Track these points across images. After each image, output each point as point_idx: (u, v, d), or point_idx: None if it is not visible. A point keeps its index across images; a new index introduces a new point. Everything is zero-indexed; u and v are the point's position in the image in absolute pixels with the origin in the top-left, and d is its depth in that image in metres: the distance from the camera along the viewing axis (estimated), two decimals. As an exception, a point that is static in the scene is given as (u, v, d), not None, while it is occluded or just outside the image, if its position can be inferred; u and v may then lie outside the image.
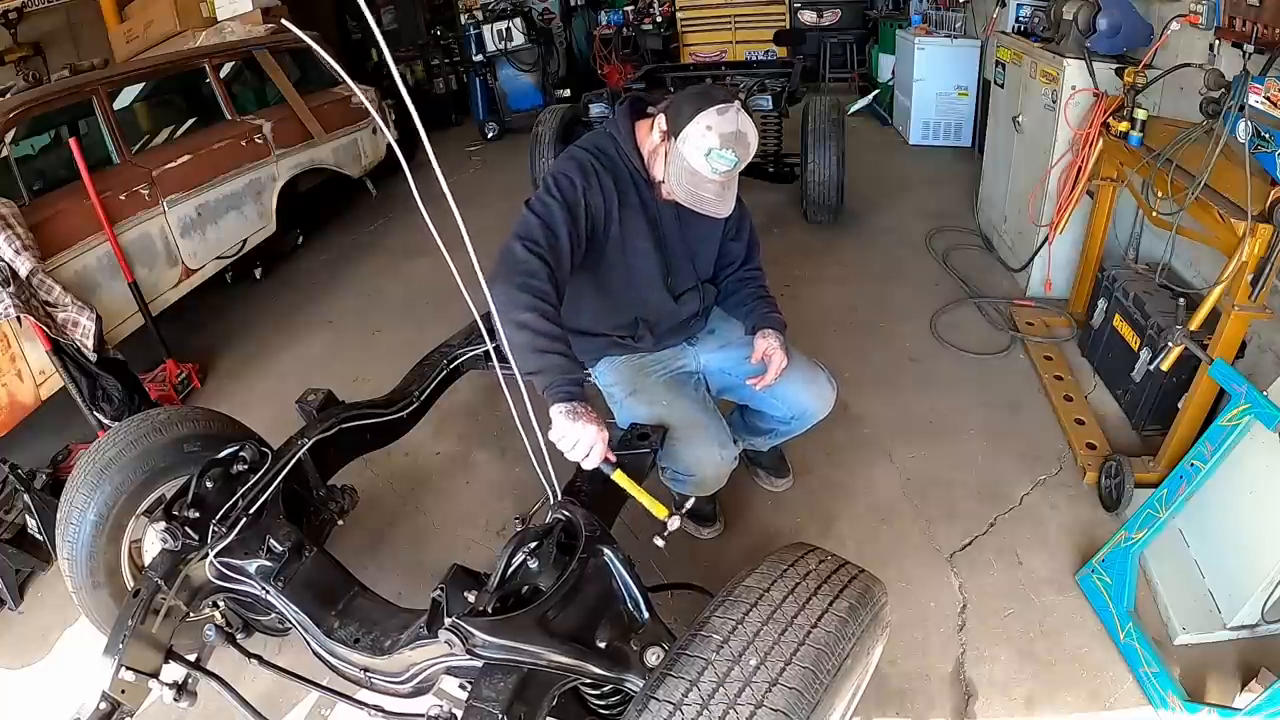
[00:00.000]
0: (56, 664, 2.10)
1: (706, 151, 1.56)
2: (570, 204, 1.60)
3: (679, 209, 1.74)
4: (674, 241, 1.82)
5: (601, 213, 1.67)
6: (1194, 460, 1.78)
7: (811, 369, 1.97)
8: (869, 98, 5.63)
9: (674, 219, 1.80)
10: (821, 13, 7.46)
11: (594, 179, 1.65)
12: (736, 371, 1.95)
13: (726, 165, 1.58)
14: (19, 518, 2.37)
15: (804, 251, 3.95)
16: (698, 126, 1.56)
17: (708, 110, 1.56)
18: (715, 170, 1.58)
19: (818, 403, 1.96)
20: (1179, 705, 1.60)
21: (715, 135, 1.55)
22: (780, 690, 0.98)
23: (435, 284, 3.73)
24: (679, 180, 1.62)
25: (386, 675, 1.42)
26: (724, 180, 1.61)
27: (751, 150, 1.61)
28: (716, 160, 1.56)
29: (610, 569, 1.30)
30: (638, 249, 1.77)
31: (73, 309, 2.69)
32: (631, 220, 1.74)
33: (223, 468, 1.65)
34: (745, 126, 1.59)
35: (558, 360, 1.44)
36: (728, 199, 1.65)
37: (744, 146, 1.59)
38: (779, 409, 1.98)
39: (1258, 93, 1.76)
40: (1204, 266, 2.47)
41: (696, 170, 1.59)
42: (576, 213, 1.60)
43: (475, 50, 6.84)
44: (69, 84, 3.27)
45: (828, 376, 1.98)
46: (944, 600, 1.96)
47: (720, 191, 1.62)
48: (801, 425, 2.03)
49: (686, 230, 1.82)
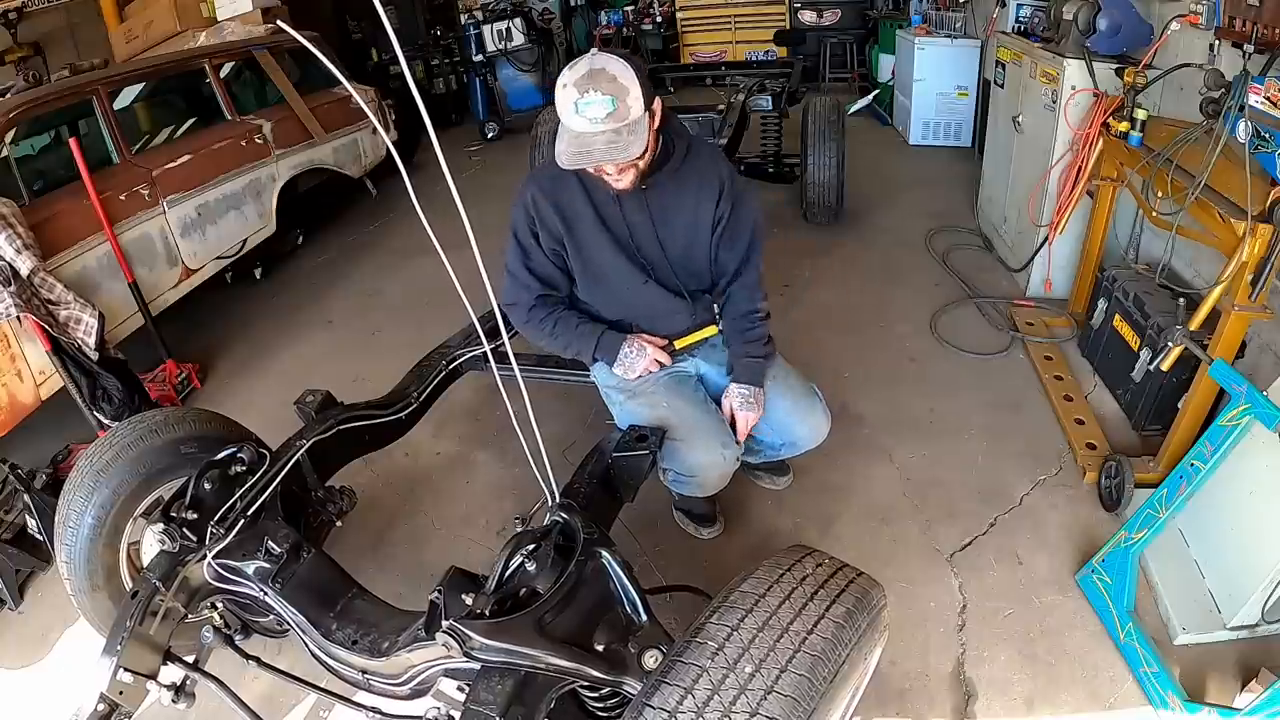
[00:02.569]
0: (56, 664, 2.10)
1: (574, 107, 1.49)
2: (528, 249, 1.80)
3: (647, 206, 1.74)
4: (644, 240, 1.79)
5: (557, 240, 1.79)
6: (1194, 460, 1.78)
7: (807, 397, 1.94)
8: (869, 98, 5.63)
9: (641, 217, 1.76)
10: (821, 13, 7.47)
11: (537, 216, 1.77)
12: (715, 373, 1.95)
13: (600, 107, 1.48)
14: (19, 518, 2.37)
15: (804, 251, 3.95)
16: (559, 92, 1.52)
17: (563, 73, 1.52)
18: (594, 119, 1.49)
19: (810, 434, 1.95)
20: (1179, 705, 1.59)
21: (572, 87, 1.49)
22: (776, 697, 0.98)
23: (435, 284, 3.72)
24: (567, 148, 1.53)
25: (385, 677, 1.42)
26: (613, 127, 1.50)
27: (620, 81, 1.48)
28: (586, 108, 1.48)
29: (608, 571, 1.30)
30: (601, 258, 1.80)
31: (75, 307, 2.69)
32: (585, 234, 1.78)
33: (221, 469, 1.64)
34: (599, 64, 1.50)
35: (584, 335, 1.84)
36: (626, 144, 1.52)
37: (604, 80, 1.48)
38: (769, 435, 1.96)
39: (1258, 93, 1.76)
40: (1204, 266, 2.46)
41: (580, 131, 1.51)
42: (539, 252, 1.80)
43: (475, 50, 6.84)
44: (69, 84, 3.27)
45: (824, 407, 1.95)
46: (944, 600, 1.95)
47: (613, 138, 1.51)
48: (791, 452, 2.02)
49: (659, 227, 1.78)
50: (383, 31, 1.01)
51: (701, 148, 1.82)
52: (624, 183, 1.66)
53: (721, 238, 1.82)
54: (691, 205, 1.78)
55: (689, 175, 1.76)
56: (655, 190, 1.74)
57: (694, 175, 1.77)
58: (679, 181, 1.75)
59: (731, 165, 1.89)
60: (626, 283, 1.82)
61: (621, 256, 1.79)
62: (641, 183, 1.70)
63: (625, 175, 1.65)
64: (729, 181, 1.79)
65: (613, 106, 1.48)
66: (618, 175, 1.65)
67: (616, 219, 1.76)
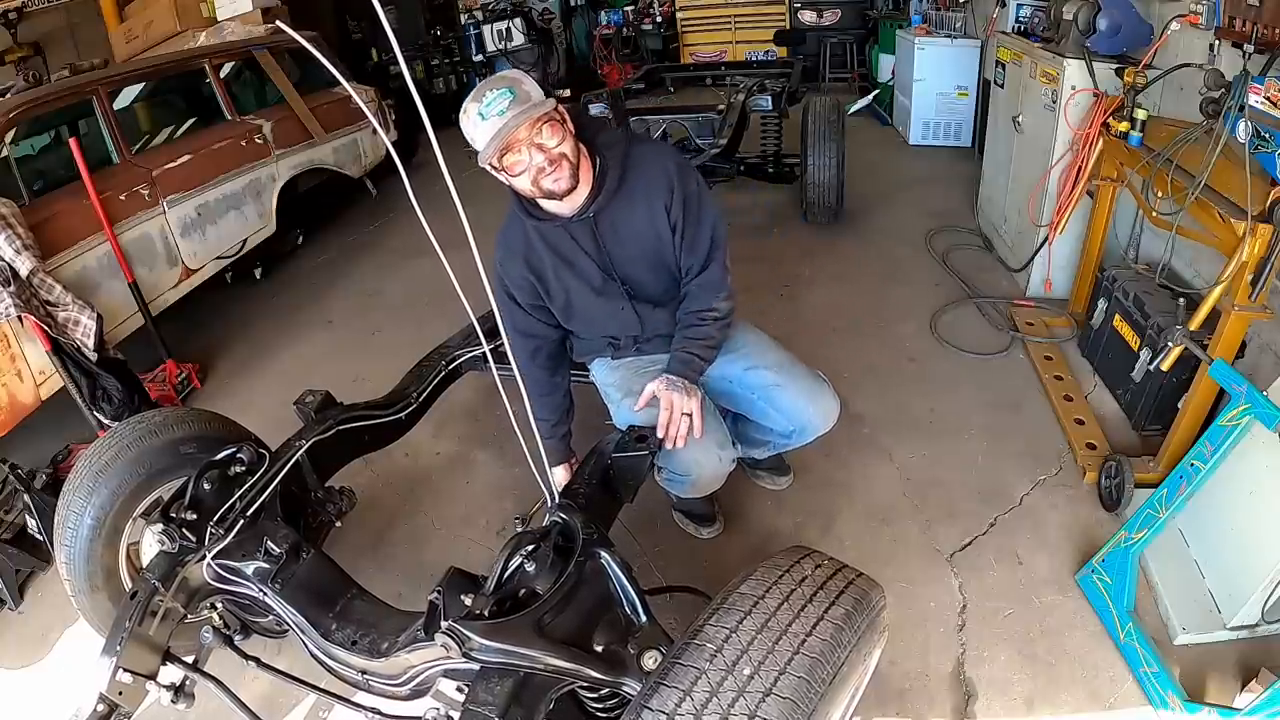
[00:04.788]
0: (56, 664, 2.10)
1: (479, 116, 1.47)
2: (509, 311, 1.82)
3: (600, 236, 1.71)
4: (610, 267, 1.76)
5: (532, 294, 1.81)
6: (1194, 460, 1.78)
7: (814, 381, 1.91)
8: (869, 98, 5.62)
9: (597, 246, 1.73)
10: (821, 13, 7.47)
11: (507, 277, 1.80)
12: (731, 378, 1.93)
13: (500, 99, 1.46)
14: (19, 518, 2.37)
15: (804, 251, 3.95)
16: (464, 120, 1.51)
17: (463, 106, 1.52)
18: (501, 111, 1.46)
19: (820, 418, 1.89)
20: (1179, 705, 1.59)
21: (470, 101, 1.49)
22: (775, 699, 0.98)
23: (435, 284, 3.72)
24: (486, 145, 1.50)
25: (384, 678, 1.42)
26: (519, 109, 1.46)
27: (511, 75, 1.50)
28: (489, 106, 1.46)
29: (607, 572, 1.29)
30: (577, 298, 1.80)
31: (74, 308, 2.69)
32: (555, 281, 1.78)
33: (220, 469, 1.65)
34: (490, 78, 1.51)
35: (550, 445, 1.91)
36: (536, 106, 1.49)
37: (497, 79, 1.48)
38: (778, 422, 1.91)
39: (1258, 93, 1.76)
40: (1204, 266, 2.46)
41: (492, 134, 1.47)
42: (519, 311, 1.84)
43: (475, 50, 6.85)
44: (69, 84, 3.28)
45: (832, 390, 1.92)
46: (944, 600, 1.95)
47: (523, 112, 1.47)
48: (801, 440, 1.95)
49: (618, 250, 1.74)
50: (383, 31, 1.01)
51: (640, 152, 1.73)
52: (563, 181, 1.57)
53: (682, 240, 1.75)
54: (644, 217, 1.71)
55: (633, 186, 1.69)
56: (604, 215, 1.69)
57: (639, 184, 1.69)
58: (624, 198, 1.69)
59: (682, 160, 1.77)
60: (607, 310, 1.83)
61: (594, 291, 1.78)
62: (585, 211, 1.67)
63: (560, 171, 1.56)
64: (678, 181, 1.70)
65: (512, 94, 1.46)
66: (552, 171, 1.55)
67: (578, 256, 1.74)
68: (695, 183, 1.74)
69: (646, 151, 1.75)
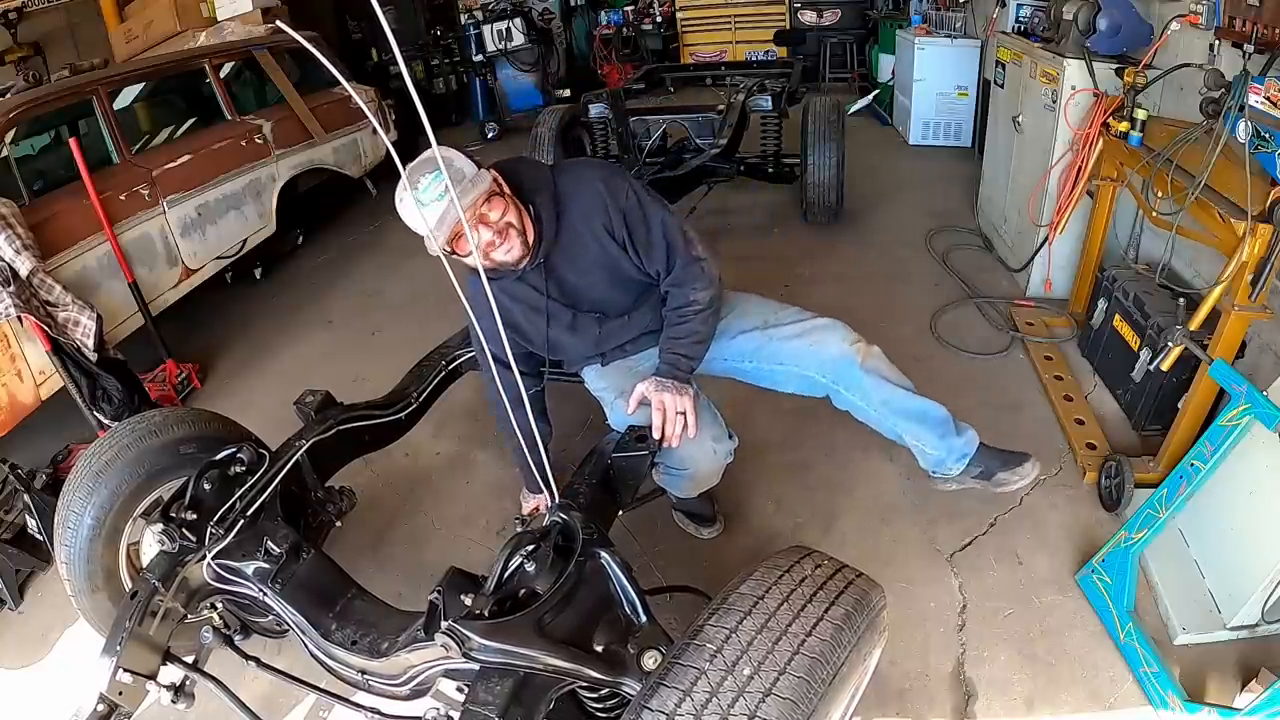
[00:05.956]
0: (56, 664, 2.10)
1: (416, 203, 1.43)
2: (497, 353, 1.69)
3: (556, 274, 1.72)
4: (575, 299, 1.78)
5: (514, 344, 1.73)
6: (1194, 460, 1.78)
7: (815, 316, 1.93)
8: (869, 98, 5.63)
9: (557, 286, 1.74)
10: (821, 13, 7.47)
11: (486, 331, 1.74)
12: (727, 355, 1.91)
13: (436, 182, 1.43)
14: (19, 518, 2.37)
15: (804, 251, 3.95)
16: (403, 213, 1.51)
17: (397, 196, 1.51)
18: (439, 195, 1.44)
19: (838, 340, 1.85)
20: (1179, 705, 1.59)
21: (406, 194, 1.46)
22: (774, 700, 0.97)
23: (435, 284, 3.72)
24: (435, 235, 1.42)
25: (384, 678, 1.42)
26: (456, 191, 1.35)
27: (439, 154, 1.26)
28: (425, 192, 1.44)
29: (607, 572, 1.29)
30: (555, 336, 1.81)
31: (73, 308, 2.69)
32: (530, 325, 1.79)
33: (220, 469, 1.65)
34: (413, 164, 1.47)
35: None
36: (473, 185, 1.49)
37: (424, 164, 1.45)
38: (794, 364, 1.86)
39: (1258, 93, 1.76)
40: (1204, 266, 2.46)
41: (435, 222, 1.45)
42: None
43: (475, 50, 6.84)
44: (69, 84, 3.28)
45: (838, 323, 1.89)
46: (944, 600, 1.95)
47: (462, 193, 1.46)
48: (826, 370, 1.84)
49: (578, 280, 1.75)
50: (383, 31, 1.00)
51: (566, 181, 1.71)
52: (515, 249, 1.59)
53: (638, 252, 1.73)
54: (592, 243, 1.71)
55: (572, 219, 1.68)
56: (553, 257, 1.70)
57: (576, 215, 1.68)
58: (567, 233, 1.69)
59: (610, 173, 1.74)
60: (587, 338, 1.85)
61: (568, 327, 1.81)
62: (534, 259, 1.67)
63: (509, 241, 1.58)
64: (608, 197, 1.67)
65: (443, 174, 1.37)
66: (502, 243, 1.57)
67: (543, 301, 1.75)
68: (627, 193, 1.70)
69: (572, 179, 1.72)
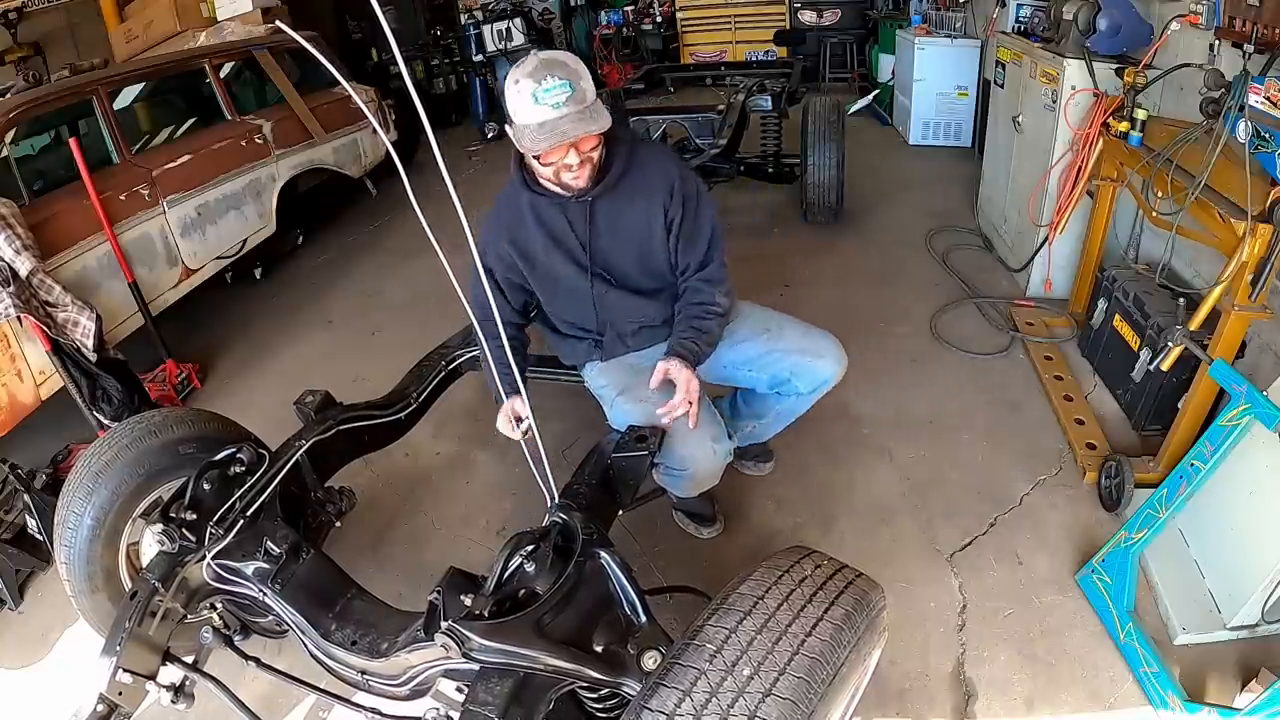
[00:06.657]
0: (56, 664, 2.10)
1: (533, 98, 1.47)
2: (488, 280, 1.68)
3: (595, 219, 1.74)
4: (597, 251, 1.79)
5: (513, 269, 1.84)
6: (1194, 460, 1.78)
7: (816, 330, 1.95)
8: (869, 98, 5.62)
9: (589, 229, 1.76)
10: (821, 13, 7.47)
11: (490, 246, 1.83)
12: (727, 361, 1.94)
13: (560, 92, 1.46)
14: (19, 518, 2.37)
15: (804, 251, 3.95)
16: (512, 91, 1.50)
17: (508, 79, 1.53)
18: (557, 104, 1.47)
19: (830, 351, 1.89)
20: (1179, 705, 1.59)
21: (527, 79, 1.48)
22: (774, 700, 0.97)
23: (435, 284, 3.72)
24: (536, 134, 1.49)
25: (384, 678, 1.42)
26: (576, 110, 1.48)
27: (572, 66, 1.50)
28: (547, 95, 1.46)
29: (607, 572, 1.29)
30: (562, 275, 1.82)
31: (73, 309, 2.69)
32: (541, 258, 1.80)
33: (220, 469, 1.65)
34: (548, 55, 1.51)
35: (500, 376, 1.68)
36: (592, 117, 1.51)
37: (558, 66, 1.49)
38: (787, 372, 1.90)
39: (1258, 93, 1.76)
40: (1204, 266, 2.46)
41: (544, 120, 1.48)
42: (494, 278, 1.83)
43: (475, 50, 6.84)
44: (69, 84, 3.27)
45: (825, 338, 1.92)
46: (944, 600, 1.95)
47: (580, 116, 1.49)
48: (811, 384, 1.91)
49: (609, 238, 1.78)
50: (383, 31, 1.01)
51: (645, 153, 1.79)
52: (583, 179, 1.65)
53: (679, 240, 1.80)
54: (641, 213, 1.77)
55: (634, 182, 1.74)
56: (600, 202, 1.74)
57: (640, 182, 1.75)
58: (621, 193, 1.74)
59: (682, 164, 1.84)
60: (588, 293, 1.85)
61: (579, 270, 1.81)
62: (585, 195, 1.70)
63: (584, 171, 1.63)
64: (678, 183, 1.76)
65: (571, 90, 1.48)
66: (578, 171, 1.63)
67: (568, 237, 1.78)
68: (695, 186, 1.81)
69: (652, 153, 1.82)
